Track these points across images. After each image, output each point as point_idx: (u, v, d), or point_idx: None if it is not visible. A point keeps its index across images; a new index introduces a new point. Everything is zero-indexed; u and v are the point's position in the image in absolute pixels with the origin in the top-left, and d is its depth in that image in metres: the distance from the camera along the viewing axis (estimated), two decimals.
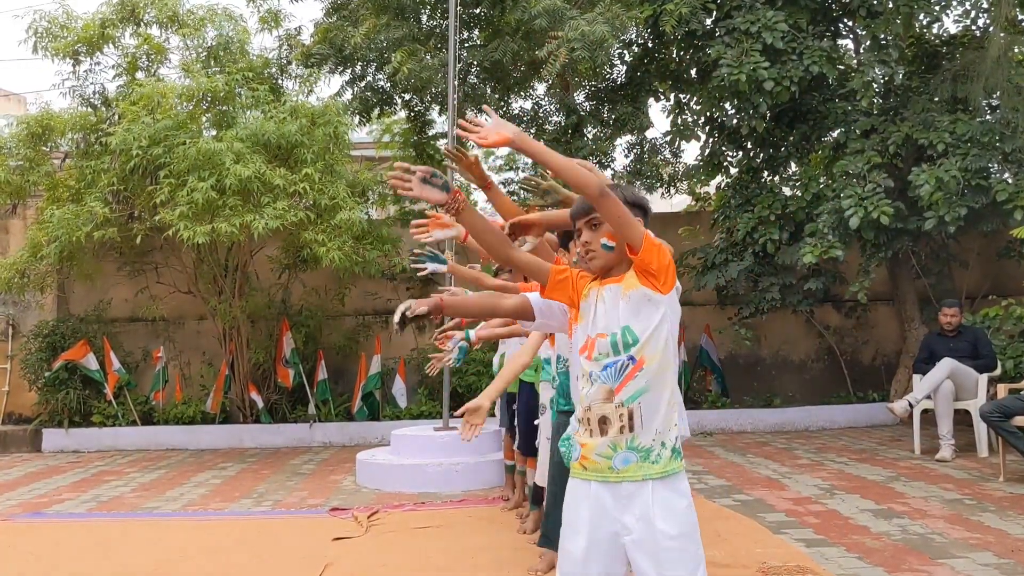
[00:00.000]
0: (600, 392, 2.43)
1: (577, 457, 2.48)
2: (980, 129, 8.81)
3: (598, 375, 2.44)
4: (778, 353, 11.76)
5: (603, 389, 2.43)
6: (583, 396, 2.49)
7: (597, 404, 2.43)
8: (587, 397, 2.46)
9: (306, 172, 9.18)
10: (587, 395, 2.46)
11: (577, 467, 2.48)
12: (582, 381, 2.51)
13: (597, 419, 2.42)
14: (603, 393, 2.42)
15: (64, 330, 11.33)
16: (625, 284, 2.47)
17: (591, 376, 2.46)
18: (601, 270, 2.55)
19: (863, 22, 9.79)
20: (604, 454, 2.41)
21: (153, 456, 10.08)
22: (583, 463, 2.45)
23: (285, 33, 11.31)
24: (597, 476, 2.42)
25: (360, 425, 10.78)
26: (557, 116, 12.05)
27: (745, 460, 8.31)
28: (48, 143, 10.15)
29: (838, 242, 9.04)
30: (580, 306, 2.56)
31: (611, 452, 2.40)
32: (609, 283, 2.51)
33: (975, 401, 7.83)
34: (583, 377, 2.51)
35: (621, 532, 2.38)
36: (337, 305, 11.60)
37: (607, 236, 2.49)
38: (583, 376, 2.51)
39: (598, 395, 2.43)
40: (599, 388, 2.43)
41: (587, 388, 2.47)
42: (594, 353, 2.46)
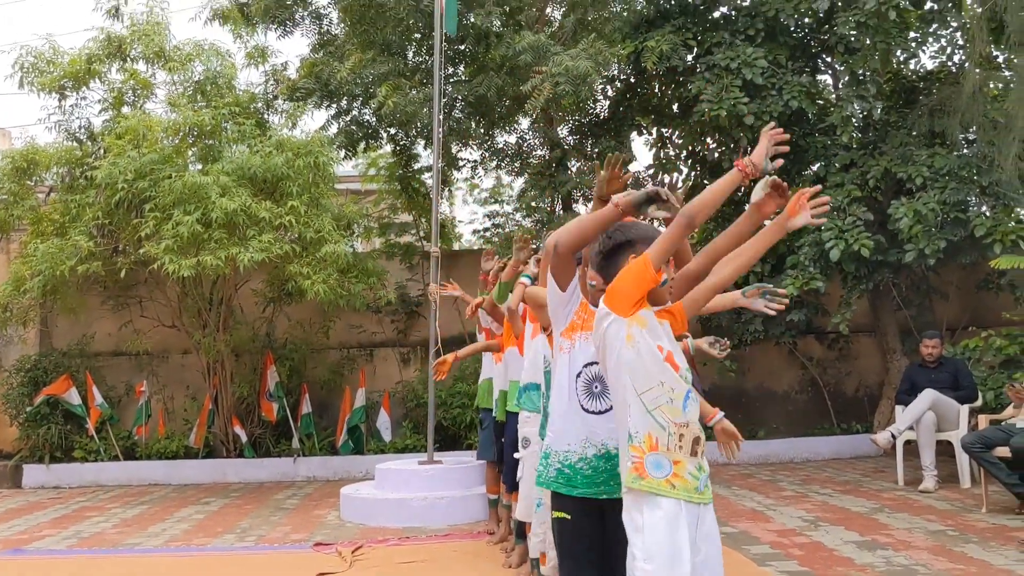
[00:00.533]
0: (696, 412, 2.50)
1: (667, 476, 2.46)
2: (957, 163, 8.95)
3: (696, 397, 2.51)
4: (762, 384, 11.81)
5: (697, 411, 2.52)
6: (674, 409, 2.49)
7: (695, 423, 2.49)
8: (684, 413, 2.48)
9: (292, 205, 9.22)
10: (684, 410, 2.49)
11: (664, 484, 2.46)
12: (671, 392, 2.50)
13: (693, 438, 2.47)
14: (697, 414, 2.51)
15: (46, 364, 11.25)
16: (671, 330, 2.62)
17: (689, 393, 2.51)
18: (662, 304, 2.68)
19: (841, 58, 9.97)
20: (694, 474, 2.47)
21: (135, 491, 10.00)
22: (672, 480, 2.45)
23: (272, 68, 11.39)
24: (685, 496, 2.45)
25: (344, 459, 10.73)
26: (541, 150, 12.14)
27: (730, 492, 8.32)
28: (33, 177, 10.18)
29: (819, 274, 9.13)
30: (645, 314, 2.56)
31: (698, 473, 2.47)
32: (663, 319, 2.61)
33: (957, 432, 7.88)
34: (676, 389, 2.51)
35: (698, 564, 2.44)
36: (322, 338, 11.58)
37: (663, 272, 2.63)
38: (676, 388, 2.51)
39: (695, 415, 2.49)
40: (695, 408, 2.49)
41: (683, 402, 2.50)
42: (680, 372, 2.52)
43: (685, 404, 2.48)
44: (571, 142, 12.07)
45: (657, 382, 2.50)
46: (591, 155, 11.74)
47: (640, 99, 11.63)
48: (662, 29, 9.99)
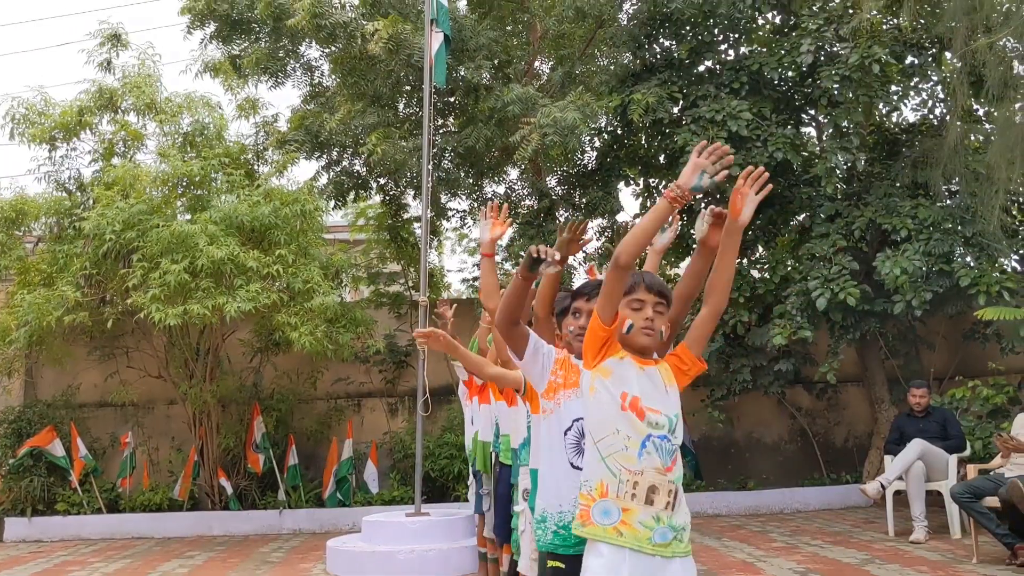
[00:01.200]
0: (655, 461, 2.46)
1: (614, 523, 2.45)
2: (941, 214, 9.06)
3: (655, 442, 2.47)
4: (751, 435, 11.78)
5: (657, 459, 2.47)
6: (629, 457, 2.48)
7: (650, 471, 2.45)
8: (639, 460, 2.47)
9: (279, 254, 9.24)
10: (639, 458, 2.47)
11: (611, 531, 2.44)
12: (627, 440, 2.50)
13: (647, 486, 2.44)
14: (657, 463, 2.46)
15: (31, 416, 11.13)
16: (667, 375, 2.61)
17: (646, 441, 2.48)
18: (647, 349, 2.64)
19: (825, 111, 10.12)
20: (647, 524, 2.43)
21: (118, 545, 9.84)
22: (619, 528, 2.43)
23: (262, 120, 11.49)
24: (633, 544, 2.42)
25: (330, 511, 10.61)
26: (530, 200, 12.23)
27: (720, 544, 8.25)
28: (21, 227, 10.17)
29: (806, 323, 9.17)
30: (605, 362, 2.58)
31: (653, 524, 2.43)
32: (651, 364, 2.59)
33: (946, 482, 7.86)
34: (632, 437, 2.50)
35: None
36: (309, 388, 11.52)
37: (666, 326, 2.64)
38: (632, 436, 2.50)
39: (652, 463, 2.46)
40: (655, 457, 2.46)
41: (638, 450, 2.48)
42: (646, 419, 2.50)
43: (641, 452, 2.47)
44: (559, 192, 12.17)
45: (613, 429, 2.51)
46: (579, 205, 11.83)
47: (627, 150, 11.76)
48: (648, 82, 10.14)
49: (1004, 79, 8.70)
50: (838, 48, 9.72)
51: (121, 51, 10.68)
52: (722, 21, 10.51)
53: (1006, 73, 8.77)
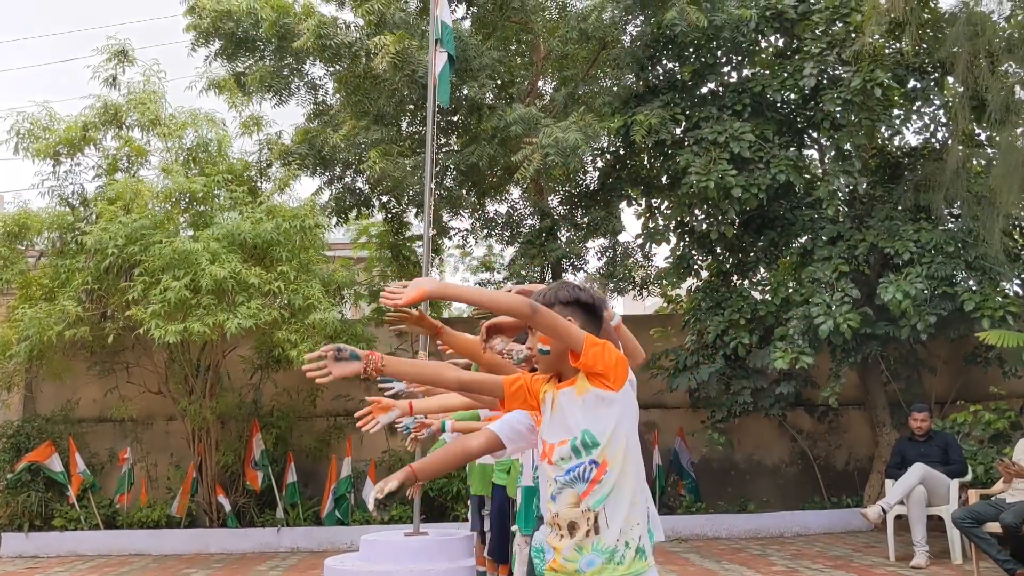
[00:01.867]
0: (568, 497, 2.44)
1: (548, 563, 2.48)
2: (943, 237, 9.07)
3: (563, 480, 2.45)
4: (751, 457, 11.73)
5: (570, 494, 2.44)
6: (550, 503, 2.50)
7: (565, 509, 2.44)
8: (555, 503, 2.47)
9: (281, 271, 9.24)
10: (555, 500, 2.47)
11: (549, 571, 2.48)
12: (548, 486, 2.52)
13: (567, 523, 2.44)
14: (571, 498, 2.44)
15: (29, 430, 11.10)
16: (578, 387, 2.50)
17: (556, 481, 2.47)
18: (546, 372, 2.58)
19: (827, 134, 10.15)
20: (570, 557, 2.42)
21: (115, 562, 9.79)
22: (553, 566, 2.46)
23: (266, 137, 11.52)
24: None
25: (329, 530, 10.56)
26: (532, 219, 12.26)
27: (720, 567, 8.21)
28: (24, 241, 10.18)
29: (808, 347, 9.15)
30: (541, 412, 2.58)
31: (576, 555, 2.41)
32: (564, 387, 2.53)
33: (947, 507, 7.82)
34: (549, 482, 2.52)
35: None
36: (308, 406, 11.49)
37: (541, 340, 2.53)
38: (548, 481, 2.52)
39: (566, 500, 2.44)
40: (567, 493, 2.44)
41: (553, 492, 2.48)
42: (554, 458, 2.48)
43: (555, 496, 2.49)
44: (561, 212, 12.19)
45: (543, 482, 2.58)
46: (581, 224, 11.85)
47: (629, 171, 11.78)
48: (651, 103, 10.18)
49: (1006, 104, 8.73)
50: (840, 71, 9.77)
51: (127, 67, 10.72)
52: (725, 44, 10.56)
53: (1008, 98, 8.80)
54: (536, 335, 2.54)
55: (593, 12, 10.00)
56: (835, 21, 9.90)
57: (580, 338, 2.45)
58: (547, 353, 2.52)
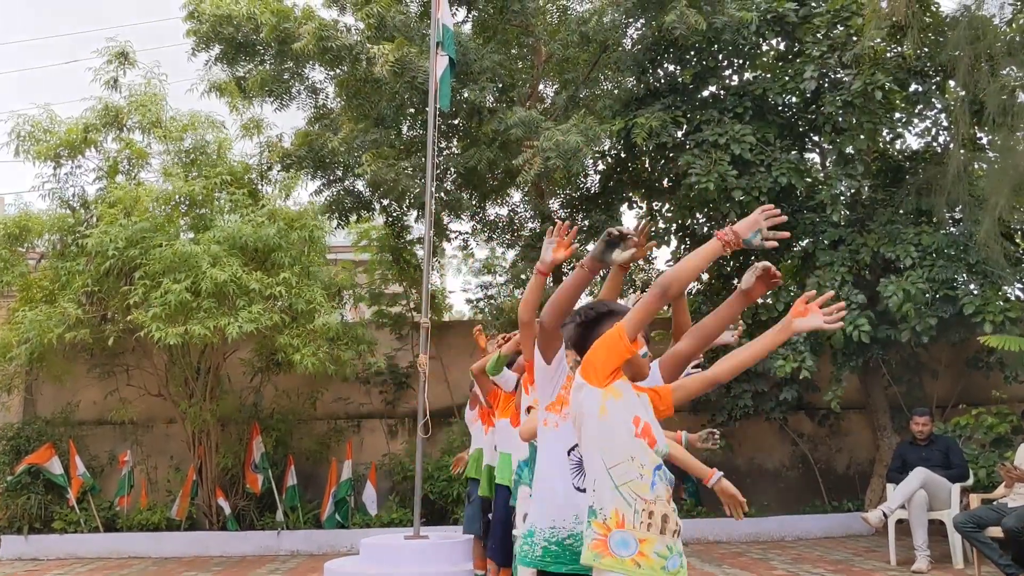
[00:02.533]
0: (664, 490, 2.43)
1: (631, 555, 2.41)
2: (945, 241, 9.06)
3: (665, 474, 2.45)
4: (752, 461, 11.71)
5: (666, 488, 2.44)
6: (643, 486, 2.44)
7: (662, 501, 2.42)
8: (652, 490, 2.43)
9: (283, 276, 9.23)
10: (652, 488, 2.43)
11: (629, 563, 2.40)
12: (640, 468, 2.45)
13: (661, 516, 2.40)
14: (666, 492, 2.43)
15: (29, 433, 11.09)
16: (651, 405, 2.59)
17: (657, 469, 2.45)
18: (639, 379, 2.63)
19: (828, 137, 10.14)
20: (662, 553, 2.39)
21: (114, 565, 9.77)
22: (637, 560, 2.39)
23: (267, 140, 11.52)
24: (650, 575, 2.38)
25: (329, 533, 10.54)
26: (532, 222, 12.25)
27: (720, 571, 8.19)
28: (24, 244, 10.18)
29: (810, 353, 9.14)
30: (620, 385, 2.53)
31: (668, 553, 2.40)
32: (642, 392, 2.57)
33: (949, 511, 7.81)
34: (645, 465, 2.46)
35: None
36: (309, 409, 11.49)
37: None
38: (646, 464, 2.46)
39: (662, 492, 2.42)
40: (664, 486, 2.43)
41: (651, 479, 2.44)
42: (657, 447, 2.47)
43: (654, 481, 2.43)
44: (562, 215, 12.18)
45: (627, 457, 2.45)
46: (582, 228, 11.84)
47: (630, 173, 11.78)
48: (652, 107, 10.17)
49: (1004, 107, 8.72)
50: (842, 75, 9.77)
51: (128, 69, 10.72)
52: (726, 47, 10.55)
53: (1007, 101, 8.79)
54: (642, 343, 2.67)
55: (594, 16, 9.99)
56: (836, 24, 9.90)
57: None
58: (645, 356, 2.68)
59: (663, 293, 2.49)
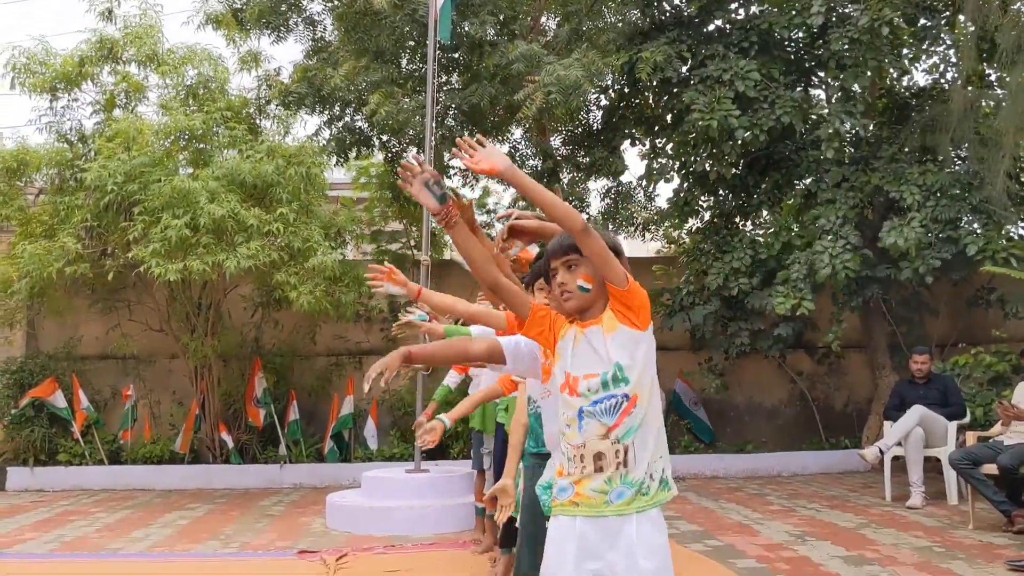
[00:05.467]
0: (595, 428, 2.44)
1: (569, 497, 2.45)
2: (948, 180, 8.99)
3: (590, 411, 2.45)
4: (751, 398, 11.79)
5: (597, 425, 2.44)
6: (571, 433, 2.47)
7: (592, 440, 2.43)
8: (580, 434, 2.45)
9: (281, 212, 9.18)
10: (579, 432, 2.45)
11: (568, 505, 2.46)
12: (568, 419, 2.49)
13: (592, 455, 2.43)
14: (597, 429, 2.44)
15: (32, 367, 11.17)
16: (605, 326, 2.50)
17: (582, 413, 2.46)
18: (575, 311, 2.56)
19: (833, 74, 9.99)
20: (599, 489, 2.41)
21: (119, 496, 9.91)
22: (575, 499, 2.44)
23: (264, 73, 11.36)
24: (591, 511, 2.41)
25: (331, 467, 10.67)
26: (534, 160, 12.15)
27: (717, 505, 8.30)
28: (23, 178, 10.11)
29: (809, 292, 9.13)
30: (556, 347, 2.56)
31: (607, 487, 2.41)
32: (590, 324, 2.53)
33: (945, 448, 7.88)
34: (569, 415, 2.49)
35: (604, 570, 2.38)
36: (309, 345, 11.54)
37: (583, 278, 2.51)
38: (569, 413, 2.49)
39: (593, 431, 2.44)
40: (592, 424, 2.44)
41: (577, 425, 2.46)
42: (580, 389, 2.47)
43: (580, 426, 2.46)
44: (563, 152, 12.08)
45: (561, 412, 2.53)
46: (583, 165, 11.75)
47: (633, 110, 11.64)
48: (657, 40, 10.00)
49: (1018, 43, 8.57)
50: (849, 9, 9.59)
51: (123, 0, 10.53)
52: None
53: (1020, 37, 8.63)
54: (576, 273, 2.52)
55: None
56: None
57: (623, 272, 2.47)
58: (587, 291, 2.52)
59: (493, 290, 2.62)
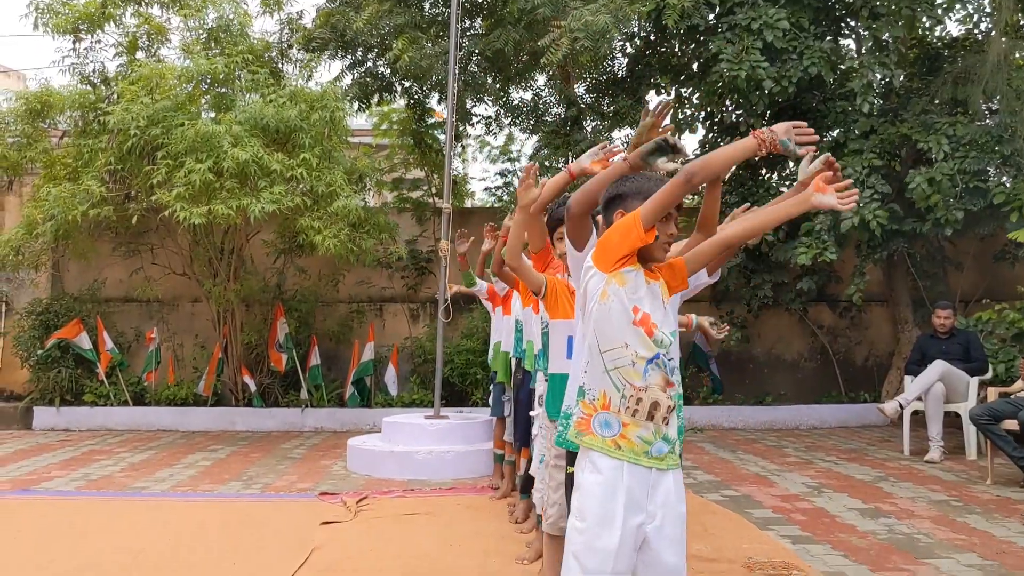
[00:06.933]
0: (659, 379, 2.44)
1: (613, 436, 2.44)
2: (979, 132, 8.82)
3: (659, 362, 2.45)
4: (771, 351, 11.77)
5: (662, 377, 2.45)
6: (634, 373, 2.45)
7: (654, 389, 2.44)
8: (644, 378, 2.44)
9: (304, 157, 9.16)
10: (644, 376, 2.44)
11: (610, 444, 2.44)
12: (635, 357, 2.46)
13: (651, 403, 2.43)
14: (662, 380, 2.45)
15: (57, 308, 11.30)
16: (663, 291, 2.55)
17: (656, 360, 2.46)
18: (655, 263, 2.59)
19: (865, 23, 9.77)
20: (645, 439, 2.43)
21: (144, 437, 10.08)
22: (618, 441, 2.43)
23: (287, 16, 11.26)
24: (631, 458, 2.42)
25: (351, 411, 10.79)
26: (557, 108, 12.02)
27: (735, 457, 8.33)
28: (46, 120, 10.12)
29: (833, 243, 9.04)
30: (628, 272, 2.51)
31: (652, 438, 2.43)
32: (655, 279, 2.54)
33: (965, 404, 7.86)
34: (634, 356, 2.46)
35: (646, 521, 2.41)
36: (331, 291, 11.60)
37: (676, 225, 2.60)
38: (635, 355, 2.46)
39: (656, 381, 2.44)
40: (659, 375, 2.44)
41: (644, 367, 2.45)
42: (655, 336, 2.47)
43: (646, 370, 2.44)
44: (587, 100, 11.94)
45: (622, 343, 2.46)
46: (607, 114, 11.61)
47: (659, 57, 11.45)
48: None
49: None
50: None
51: None
52: None
53: None
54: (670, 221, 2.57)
55: None
56: None
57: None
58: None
59: (687, 181, 2.43)
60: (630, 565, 2.40)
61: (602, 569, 2.36)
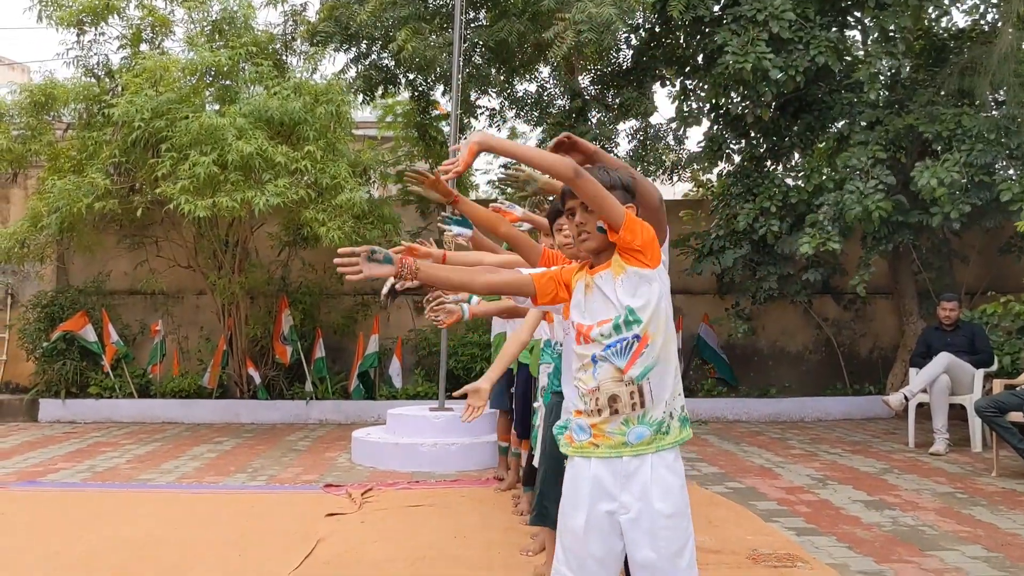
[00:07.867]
0: (608, 371, 2.44)
1: (588, 439, 2.46)
2: (985, 124, 8.78)
3: (602, 355, 2.45)
4: (775, 343, 11.76)
5: (611, 368, 2.43)
6: (586, 378, 2.48)
7: (606, 383, 2.44)
8: (594, 378, 2.46)
9: (308, 150, 9.15)
10: (593, 376, 2.46)
11: (587, 446, 2.47)
12: (581, 365, 2.50)
13: (607, 398, 2.43)
14: (611, 372, 2.44)
15: (63, 301, 11.32)
16: (614, 269, 2.47)
17: (595, 359, 2.46)
18: (594, 252, 2.52)
19: (871, 13, 9.73)
20: (616, 431, 2.42)
21: (149, 429, 10.10)
22: (594, 440, 2.45)
23: (291, 9, 11.25)
24: (609, 452, 2.42)
25: (356, 404, 10.80)
26: (562, 100, 12.00)
27: (739, 449, 8.33)
28: (51, 112, 10.12)
29: (837, 234, 9.01)
30: (571, 300, 2.55)
31: (624, 428, 2.42)
32: (599, 271, 2.50)
33: (971, 396, 7.84)
34: (583, 361, 2.50)
35: (618, 511, 2.40)
36: (336, 283, 11.60)
37: (601, 218, 2.47)
38: (582, 360, 2.50)
39: (606, 375, 2.44)
40: (607, 368, 2.44)
41: (592, 370, 2.46)
42: (593, 335, 2.46)
43: (595, 370, 2.46)
44: (592, 92, 11.91)
45: (575, 356, 2.55)
46: (612, 106, 11.58)
47: (664, 49, 11.42)
48: None
49: None
50: None
51: None
52: None
53: None
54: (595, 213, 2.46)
55: None
56: None
57: (621, 211, 2.42)
58: (605, 231, 2.47)
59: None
60: (607, 551, 2.41)
61: (574, 547, 2.45)
